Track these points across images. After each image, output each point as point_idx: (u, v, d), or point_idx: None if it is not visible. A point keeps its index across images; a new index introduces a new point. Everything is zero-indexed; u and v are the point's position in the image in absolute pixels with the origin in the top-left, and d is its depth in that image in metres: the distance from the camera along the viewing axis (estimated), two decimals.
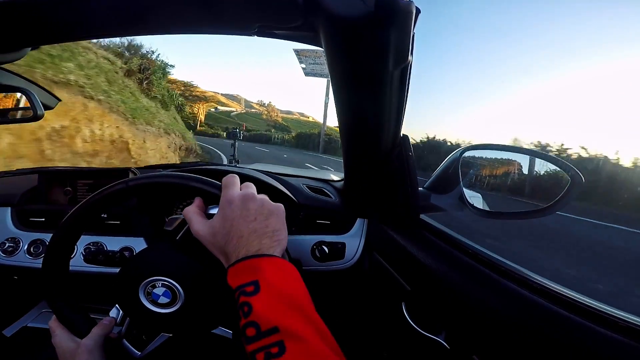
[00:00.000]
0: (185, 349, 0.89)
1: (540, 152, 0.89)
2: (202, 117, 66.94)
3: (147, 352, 0.76)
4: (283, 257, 0.59)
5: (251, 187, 0.66)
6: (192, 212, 0.65)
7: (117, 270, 0.72)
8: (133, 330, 0.76)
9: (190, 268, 0.68)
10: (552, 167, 0.89)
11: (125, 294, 0.69)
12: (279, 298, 0.52)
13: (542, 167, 0.94)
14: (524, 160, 1.03)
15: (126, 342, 0.75)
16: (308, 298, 0.55)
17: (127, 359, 0.76)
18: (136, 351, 0.75)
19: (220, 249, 0.60)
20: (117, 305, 0.75)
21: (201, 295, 0.68)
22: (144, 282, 0.67)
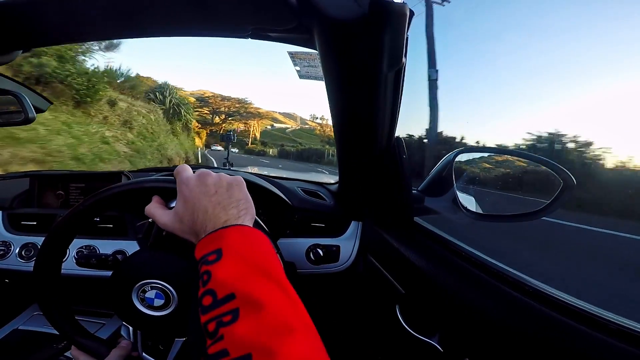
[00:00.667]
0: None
1: (533, 155, 0.90)
2: (257, 133, 66.77)
3: None
4: (256, 226, 0.57)
5: (205, 170, 0.63)
6: (152, 208, 0.64)
7: (110, 273, 0.71)
8: (148, 342, 0.75)
9: (177, 267, 0.68)
10: (545, 169, 0.89)
11: (118, 297, 0.69)
12: (242, 264, 0.48)
13: (535, 169, 0.95)
14: (516, 163, 1.03)
15: (146, 356, 0.74)
16: (278, 266, 0.51)
17: None
18: None
19: (190, 232, 0.58)
20: (123, 322, 0.74)
21: (195, 295, 0.67)
22: (137, 285, 0.67)
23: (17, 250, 1.19)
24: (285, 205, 1.21)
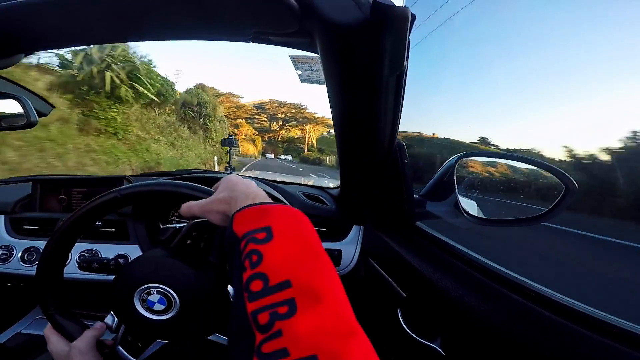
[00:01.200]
0: (180, 356, 0.88)
1: (534, 160, 0.88)
2: (313, 140, 66.93)
3: (142, 358, 0.75)
4: None
5: None
6: (190, 204, 0.65)
7: (112, 277, 0.71)
8: (128, 337, 0.75)
9: (185, 275, 0.67)
10: (547, 174, 0.89)
11: (120, 301, 0.68)
12: (296, 247, 0.44)
13: (537, 174, 0.95)
14: (518, 168, 1.03)
15: (121, 349, 0.74)
16: (323, 249, 0.47)
17: None
18: (131, 358, 0.74)
19: (222, 205, 0.58)
20: (112, 312, 0.74)
21: (196, 302, 0.67)
22: (139, 289, 0.67)
23: (19, 255, 1.19)
24: None
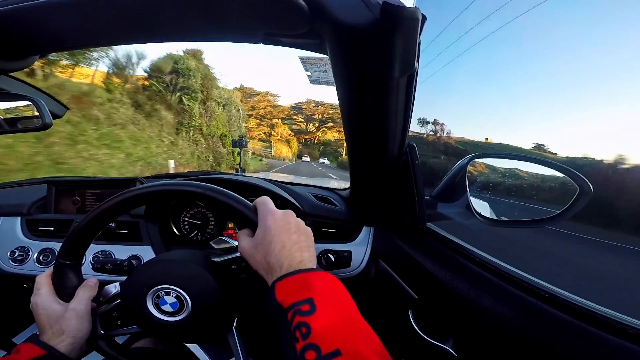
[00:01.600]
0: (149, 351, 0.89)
1: (548, 160, 0.87)
2: None
3: (109, 334, 0.75)
4: None
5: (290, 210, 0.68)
6: (241, 232, 0.68)
7: (125, 278, 0.72)
8: (114, 313, 0.75)
9: (196, 277, 0.68)
10: (560, 175, 0.88)
11: (131, 299, 0.69)
12: (336, 317, 0.50)
13: (550, 175, 0.94)
14: (531, 168, 1.02)
15: (98, 320, 0.74)
16: (358, 311, 0.54)
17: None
18: (100, 330, 0.74)
19: (262, 262, 0.61)
20: (118, 283, 0.75)
21: (208, 307, 0.67)
22: (153, 289, 0.67)
23: (35, 256, 1.21)
24: (297, 211, 1.21)
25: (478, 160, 1.00)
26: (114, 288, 0.76)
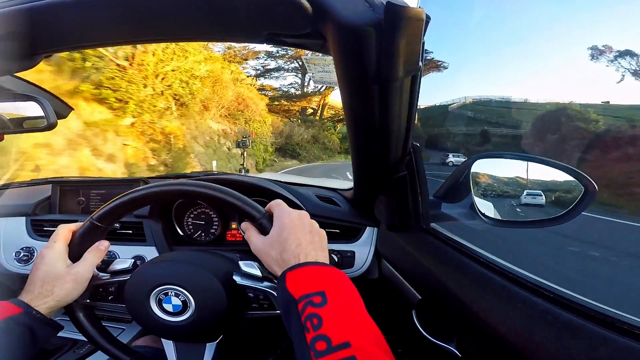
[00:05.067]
0: None
1: (552, 161, 0.87)
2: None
3: (93, 304, 0.75)
4: None
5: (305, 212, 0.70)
6: (250, 228, 0.69)
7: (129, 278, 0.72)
8: (97, 297, 0.75)
9: (200, 278, 0.68)
10: (565, 175, 0.87)
11: (135, 298, 0.70)
12: (347, 312, 0.52)
13: (555, 175, 0.93)
14: (535, 168, 1.01)
15: (91, 288, 0.74)
16: (365, 310, 0.56)
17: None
18: (87, 298, 0.74)
19: (277, 258, 0.62)
20: (132, 260, 0.77)
21: (211, 308, 0.68)
22: (157, 288, 0.68)
23: None
24: None
25: (482, 160, 1.00)
26: (124, 263, 0.76)
